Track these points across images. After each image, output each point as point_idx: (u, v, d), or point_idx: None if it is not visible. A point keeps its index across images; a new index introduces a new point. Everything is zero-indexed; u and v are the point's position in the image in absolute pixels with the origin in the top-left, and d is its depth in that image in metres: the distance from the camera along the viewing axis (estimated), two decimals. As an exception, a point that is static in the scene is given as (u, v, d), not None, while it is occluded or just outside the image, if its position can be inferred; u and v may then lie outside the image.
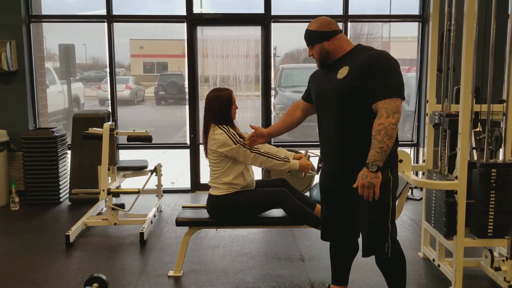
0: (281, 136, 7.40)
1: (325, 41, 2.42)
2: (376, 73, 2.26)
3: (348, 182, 2.37)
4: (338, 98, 2.37)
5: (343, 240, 2.69)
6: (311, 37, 2.46)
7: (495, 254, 3.12)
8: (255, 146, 3.07)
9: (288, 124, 2.88)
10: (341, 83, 2.35)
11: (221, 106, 3.10)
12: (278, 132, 2.93)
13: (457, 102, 3.11)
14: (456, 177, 2.90)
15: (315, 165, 3.26)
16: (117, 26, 5.52)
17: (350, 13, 5.54)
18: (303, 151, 3.31)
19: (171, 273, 3.32)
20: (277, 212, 3.25)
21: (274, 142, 5.79)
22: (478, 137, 3.31)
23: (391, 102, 2.23)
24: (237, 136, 3.03)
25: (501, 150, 3.13)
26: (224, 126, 3.05)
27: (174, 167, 7.22)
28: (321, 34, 2.43)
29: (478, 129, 3.35)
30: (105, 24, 5.43)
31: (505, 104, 3.07)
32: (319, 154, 3.31)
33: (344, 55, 2.43)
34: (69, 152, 5.32)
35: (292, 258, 3.62)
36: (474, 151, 3.33)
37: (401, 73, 2.32)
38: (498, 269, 2.98)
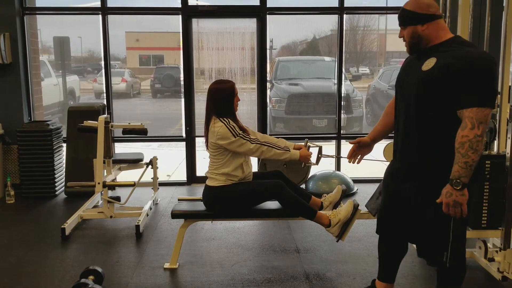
0: (277, 129, 7.43)
1: (419, 24, 2.18)
2: (467, 76, 2.01)
3: (414, 184, 2.24)
4: (418, 90, 2.17)
5: (395, 237, 2.53)
6: (404, 17, 2.22)
7: (489, 245, 3.15)
8: (253, 137, 3.07)
9: (386, 125, 2.60)
10: (424, 76, 2.13)
11: (223, 98, 3.10)
12: (380, 136, 2.66)
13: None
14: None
15: (315, 155, 3.25)
16: (112, 18, 5.49)
17: (346, 5, 5.52)
18: (303, 142, 3.30)
19: (167, 265, 3.33)
20: (273, 204, 3.26)
21: (270, 134, 5.80)
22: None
23: (478, 111, 1.99)
24: (237, 129, 3.03)
25: (495, 142, 3.15)
26: (225, 118, 3.05)
27: (170, 160, 7.22)
28: (416, 15, 2.18)
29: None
30: (100, 16, 5.40)
31: (499, 96, 3.08)
32: (319, 145, 3.32)
33: (437, 45, 2.19)
34: (64, 145, 5.31)
35: (287, 250, 3.64)
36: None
37: (496, 78, 2.10)
38: (491, 260, 3.00)
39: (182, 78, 5.65)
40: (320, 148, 3.27)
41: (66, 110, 5.29)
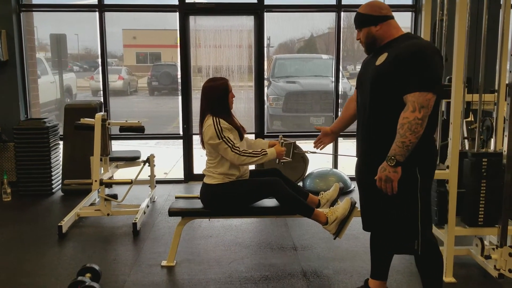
0: (274, 127, 7.42)
1: (372, 26, 2.33)
2: (411, 63, 2.14)
3: (373, 171, 2.29)
4: (372, 85, 2.29)
5: (376, 230, 2.56)
6: (360, 21, 2.37)
7: (486, 242, 3.16)
8: (237, 145, 3.03)
9: (346, 118, 2.76)
10: (377, 70, 2.27)
11: (217, 96, 3.09)
12: (340, 128, 2.85)
13: (449, 92, 3.12)
14: (448, 167, 2.92)
15: (289, 152, 3.27)
16: (109, 15, 5.48)
17: (343, 2, 5.53)
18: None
19: (164, 263, 3.33)
20: (270, 202, 3.26)
21: (268, 132, 5.79)
22: (469, 127, 3.33)
23: (420, 95, 2.11)
24: (223, 132, 3.01)
25: (492, 140, 3.15)
26: (217, 117, 3.04)
27: (167, 157, 7.21)
28: (369, 18, 2.33)
29: (469, 119, 3.37)
30: (97, 13, 5.38)
31: (496, 94, 3.09)
32: (292, 141, 3.35)
33: (389, 42, 2.33)
34: (61, 142, 5.30)
35: (284, 247, 3.64)
36: (466, 140, 3.35)
37: (440, 67, 2.19)
38: (488, 257, 3.01)
39: (179, 76, 5.64)
40: (294, 144, 3.30)
41: (63, 108, 5.28)
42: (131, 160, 4.91)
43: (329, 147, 5.86)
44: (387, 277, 2.70)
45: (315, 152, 3.12)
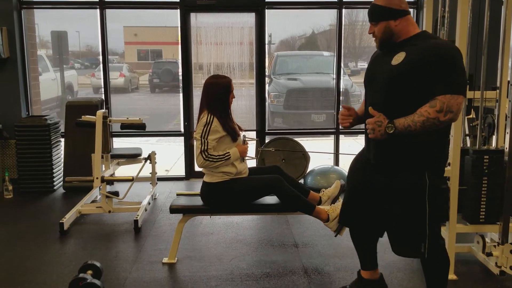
0: (276, 124, 7.41)
1: (391, 20, 2.18)
2: (439, 66, 2.05)
3: (387, 177, 2.26)
4: (388, 86, 2.18)
5: (362, 228, 2.58)
6: (376, 13, 2.22)
7: (487, 239, 3.16)
8: (209, 151, 3.02)
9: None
10: (394, 70, 2.15)
11: (218, 94, 3.09)
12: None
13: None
14: (449, 164, 2.92)
15: (253, 149, 3.27)
16: (110, 12, 5.47)
17: (345, -1, 5.51)
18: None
19: (165, 260, 3.33)
20: (271, 199, 3.26)
21: (269, 129, 5.79)
22: (471, 124, 3.32)
23: (452, 98, 2.03)
24: (209, 132, 3.01)
25: (494, 137, 3.15)
26: (213, 116, 3.04)
27: (169, 154, 7.21)
28: (389, 11, 2.18)
29: (471, 116, 3.36)
30: (98, 10, 5.38)
31: (498, 91, 3.08)
32: (255, 139, 3.34)
33: (406, 39, 2.20)
34: (62, 140, 5.30)
35: (286, 244, 3.64)
36: (467, 137, 3.34)
37: (464, 68, 2.13)
38: (489, 254, 3.00)
39: (180, 73, 5.64)
40: (257, 141, 3.30)
41: (64, 105, 5.27)
42: (132, 157, 4.91)
43: (329, 147, 5.86)
44: (377, 265, 2.72)
45: (278, 150, 3.11)
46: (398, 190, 2.25)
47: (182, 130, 5.68)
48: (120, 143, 5.87)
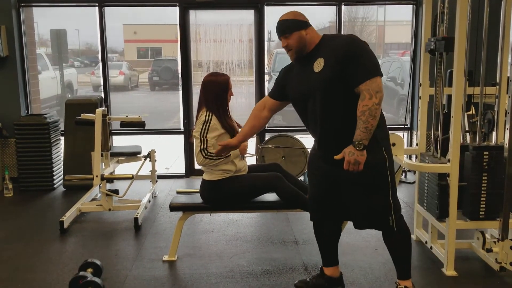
0: (275, 121, 7.40)
1: (303, 29, 2.40)
2: (351, 58, 2.27)
3: (339, 167, 2.36)
4: (322, 92, 2.35)
5: (332, 219, 2.70)
6: (289, 26, 2.41)
7: (487, 236, 3.16)
8: (209, 150, 3.03)
9: (256, 127, 2.76)
10: (321, 76, 2.34)
11: (216, 91, 3.09)
12: (248, 138, 2.86)
13: (450, 85, 3.10)
14: (449, 160, 2.92)
15: (253, 147, 3.28)
16: (109, 10, 5.46)
17: (344, -4, 5.49)
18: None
19: (165, 257, 3.33)
20: (271, 197, 3.26)
21: (269, 127, 5.79)
22: (471, 120, 3.32)
23: (371, 82, 2.24)
24: (208, 131, 3.02)
25: (493, 133, 3.14)
26: (212, 114, 3.04)
27: (169, 152, 7.21)
28: (299, 22, 2.40)
29: (471, 112, 3.35)
30: (96, 8, 5.37)
31: (498, 87, 3.08)
32: (255, 135, 3.37)
33: (316, 47, 2.42)
34: (62, 138, 5.30)
35: (286, 241, 3.64)
36: (467, 134, 3.34)
37: (372, 52, 2.33)
38: (489, 250, 3.01)
39: (180, 71, 5.63)
40: (257, 138, 3.31)
41: (63, 103, 5.27)
42: (132, 155, 4.91)
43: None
44: (338, 261, 2.82)
45: (278, 146, 3.12)
46: (362, 171, 2.36)
47: (182, 127, 5.68)
48: (119, 141, 5.86)
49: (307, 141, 5.55)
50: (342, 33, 5.56)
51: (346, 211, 2.57)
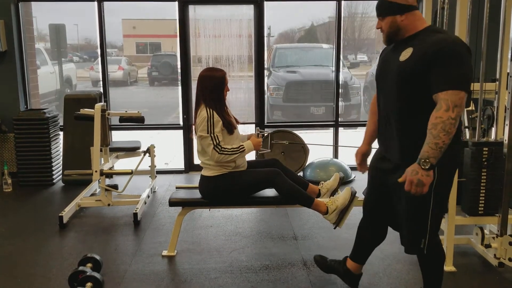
0: (276, 117, 7.39)
1: (397, 15, 2.18)
2: (440, 60, 2.03)
3: (396, 168, 2.25)
4: (398, 83, 2.17)
5: (379, 225, 2.59)
6: (383, 8, 2.22)
7: (486, 231, 3.17)
8: (220, 144, 3.02)
9: (375, 127, 2.54)
10: (402, 66, 2.15)
11: (213, 87, 3.07)
12: (375, 135, 2.57)
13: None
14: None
15: (267, 142, 3.29)
16: (108, 5, 5.44)
17: (344, -9, 5.48)
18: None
19: (165, 252, 3.34)
20: (270, 192, 3.26)
21: (268, 122, 5.78)
22: (470, 116, 3.32)
23: (453, 94, 1.99)
24: (214, 126, 3.00)
25: (493, 129, 3.14)
26: (211, 109, 3.03)
27: (168, 148, 7.20)
28: (396, 6, 2.18)
29: (470, 108, 3.35)
30: (95, 3, 5.35)
31: (497, 82, 3.07)
32: (268, 131, 3.36)
33: (413, 35, 2.19)
34: (61, 133, 5.29)
35: (285, 237, 3.65)
36: (467, 130, 3.34)
37: (470, 64, 2.08)
38: (488, 246, 3.02)
39: (179, 66, 5.62)
40: (271, 135, 3.31)
41: (62, 98, 5.26)
42: (131, 150, 4.91)
43: (330, 138, 5.86)
44: (365, 263, 2.76)
45: (293, 143, 3.11)
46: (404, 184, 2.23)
47: (181, 123, 5.67)
48: (119, 136, 5.85)
49: (307, 136, 5.55)
50: (341, 28, 5.54)
51: (395, 221, 2.43)
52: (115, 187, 4.29)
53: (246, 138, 3.27)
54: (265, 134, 3.27)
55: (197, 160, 5.66)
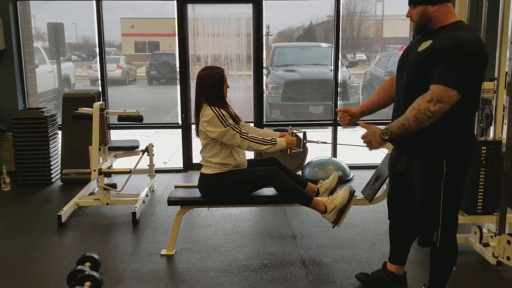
0: (274, 116, 7.38)
1: (430, 5, 2.15)
2: (447, 56, 2.04)
3: (409, 162, 2.30)
4: (410, 72, 2.21)
5: (400, 219, 2.60)
6: None
7: (484, 230, 3.17)
8: (243, 131, 3.03)
9: (382, 99, 2.58)
10: (416, 57, 2.17)
11: (212, 85, 3.06)
12: (372, 109, 2.66)
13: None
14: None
15: (299, 141, 3.27)
16: (107, 4, 5.43)
17: (342, -10, 5.47)
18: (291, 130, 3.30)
19: (163, 251, 3.34)
20: (269, 191, 3.26)
21: (266, 121, 5.79)
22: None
23: (443, 89, 2.02)
24: (227, 118, 2.99)
25: (491, 128, 3.14)
26: (215, 107, 3.02)
27: (167, 147, 7.20)
28: None
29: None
30: (94, 2, 5.34)
31: (496, 81, 3.08)
32: (302, 130, 3.35)
33: (441, 27, 2.17)
34: (59, 132, 5.28)
35: (283, 236, 3.65)
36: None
37: (477, 67, 2.07)
38: (486, 245, 3.02)
39: (177, 65, 5.62)
40: (304, 134, 3.30)
41: (61, 97, 5.25)
42: (129, 149, 4.90)
43: (328, 137, 5.85)
44: (405, 262, 2.74)
45: (325, 142, 3.11)
46: (417, 175, 2.28)
47: (180, 122, 5.67)
48: (117, 135, 5.85)
49: (309, 135, 5.54)
50: (340, 27, 5.54)
51: (411, 214, 2.45)
52: (113, 186, 4.29)
53: (277, 136, 3.22)
54: (299, 134, 3.26)
55: (195, 159, 5.69)
